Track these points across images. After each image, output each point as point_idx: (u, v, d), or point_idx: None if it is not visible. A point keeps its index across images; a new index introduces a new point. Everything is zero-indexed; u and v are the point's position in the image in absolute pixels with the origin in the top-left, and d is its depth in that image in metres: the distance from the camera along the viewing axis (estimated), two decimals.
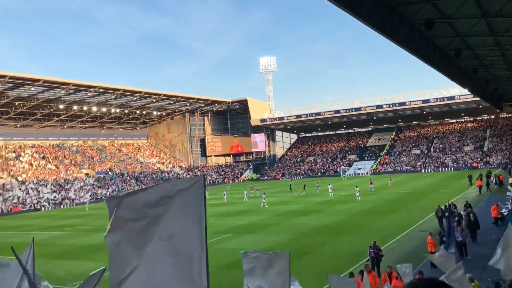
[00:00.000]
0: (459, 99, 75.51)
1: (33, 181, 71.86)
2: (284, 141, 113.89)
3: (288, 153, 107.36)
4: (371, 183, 50.80)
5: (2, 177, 70.80)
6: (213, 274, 18.83)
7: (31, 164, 77.90)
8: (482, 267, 15.07)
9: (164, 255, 3.01)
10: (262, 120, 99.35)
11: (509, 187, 36.53)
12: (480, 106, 76.64)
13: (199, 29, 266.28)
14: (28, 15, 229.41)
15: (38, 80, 63.74)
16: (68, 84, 67.43)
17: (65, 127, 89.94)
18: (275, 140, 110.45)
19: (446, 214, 23.63)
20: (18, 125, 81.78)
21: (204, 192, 3.00)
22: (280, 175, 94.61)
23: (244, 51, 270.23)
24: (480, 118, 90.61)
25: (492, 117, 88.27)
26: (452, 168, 75.59)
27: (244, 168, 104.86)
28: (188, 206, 2.98)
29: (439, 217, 24.59)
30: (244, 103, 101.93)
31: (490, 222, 23.93)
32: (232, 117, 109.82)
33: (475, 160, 76.24)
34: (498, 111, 76.04)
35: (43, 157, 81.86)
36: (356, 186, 43.63)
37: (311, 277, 17.17)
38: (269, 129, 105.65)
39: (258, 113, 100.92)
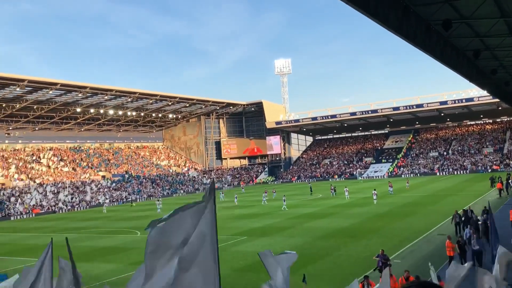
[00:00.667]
0: (478, 100, 74.36)
1: (51, 184, 72.86)
2: (299, 144, 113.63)
3: (304, 156, 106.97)
4: (390, 186, 50.22)
5: (22, 179, 71.96)
6: (228, 277, 18.77)
7: (49, 167, 79.03)
8: None
9: (179, 265, 2.99)
10: (277, 123, 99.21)
11: None
12: (500, 108, 75.36)
13: (214, 32, 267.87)
14: (46, 20, 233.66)
15: (56, 84, 64.66)
16: (85, 87, 68.29)
17: (82, 130, 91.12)
18: (291, 143, 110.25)
19: (467, 218, 23.05)
20: (37, 128, 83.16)
21: (214, 196, 2.96)
22: (296, 177, 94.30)
23: (260, 53, 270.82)
24: (499, 119, 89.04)
25: None
26: (469, 171, 74.39)
27: (260, 170, 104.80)
28: (198, 213, 2.95)
29: (456, 223, 23.46)
30: (259, 106, 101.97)
31: (509, 226, 23.42)
32: (247, 120, 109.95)
33: (494, 162, 74.87)
34: None
35: (61, 160, 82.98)
36: (374, 189, 43.12)
37: (326, 280, 17.01)
38: (284, 132, 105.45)
39: (273, 116, 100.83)
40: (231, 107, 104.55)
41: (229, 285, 17.12)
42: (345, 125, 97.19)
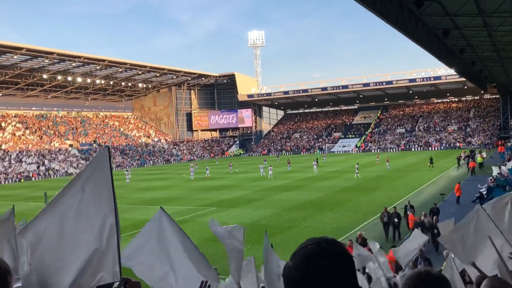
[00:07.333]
0: (445, 79, 76.02)
1: (16, 151, 71.01)
2: (270, 117, 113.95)
3: (275, 129, 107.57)
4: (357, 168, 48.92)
5: None
6: (198, 246, 19.04)
7: (14, 134, 76.83)
8: None
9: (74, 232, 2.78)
10: (249, 96, 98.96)
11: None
12: (465, 87, 77.31)
13: (187, 1, 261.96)
14: None
15: (21, 48, 62.28)
16: (52, 53, 66.05)
17: (49, 97, 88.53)
18: (262, 116, 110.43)
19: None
20: (0, 94, 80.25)
21: (110, 162, 2.82)
22: (266, 151, 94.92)
23: (233, 25, 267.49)
24: (464, 98, 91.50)
25: (477, 97, 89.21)
26: (436, 148, 76.65)
27: (230, 143, 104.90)
28: (92, 179, 2.76)
29: (384, 223, 19.51)
30: (231, 78, 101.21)
31: (468, 200, 24.50)
32: (219, 92, 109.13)
33: (458, 140, 77.33)
34: (482, 92, 76.79)
35: (26, 127, 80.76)
36: (357, 163, 44.17)
37: (292, 250, 17.42)
38: (256, 105, 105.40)
39: (245, 89, 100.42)
40: (203, 79, 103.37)
41: None
42: (316, 100, 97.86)
